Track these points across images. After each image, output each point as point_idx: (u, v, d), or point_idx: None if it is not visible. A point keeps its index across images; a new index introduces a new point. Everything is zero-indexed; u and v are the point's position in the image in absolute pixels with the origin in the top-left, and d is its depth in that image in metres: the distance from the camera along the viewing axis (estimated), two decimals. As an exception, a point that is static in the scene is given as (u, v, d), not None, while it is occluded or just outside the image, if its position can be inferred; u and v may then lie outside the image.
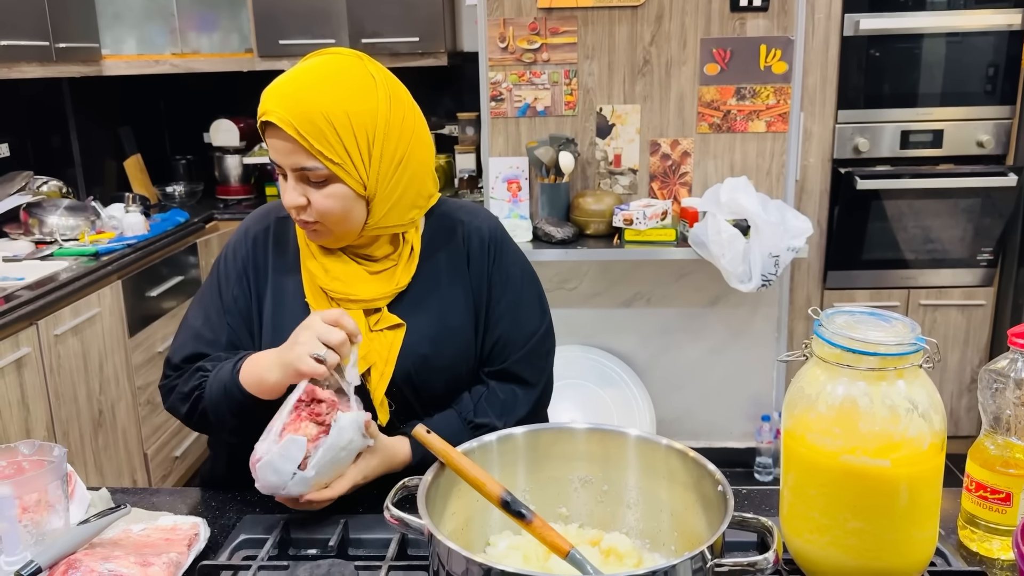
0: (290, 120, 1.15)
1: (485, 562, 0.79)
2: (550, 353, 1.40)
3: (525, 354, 1.35)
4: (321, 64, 1.21)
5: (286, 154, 1.18)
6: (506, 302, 1.35)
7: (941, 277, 3.24)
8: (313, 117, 1.16)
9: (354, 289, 1.27)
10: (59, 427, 2.43)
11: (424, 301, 1.31)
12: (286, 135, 1.16)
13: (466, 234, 1.36)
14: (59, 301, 2.45)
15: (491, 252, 1.36)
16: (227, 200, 3.86)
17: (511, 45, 2.92)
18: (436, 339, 1.30)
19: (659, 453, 0.99)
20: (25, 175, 3.09)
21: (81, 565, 0.97)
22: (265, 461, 1.08)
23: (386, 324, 1.28)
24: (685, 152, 2.98)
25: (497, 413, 1.31)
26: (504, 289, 1.35)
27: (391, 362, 1.27)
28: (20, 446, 1.09)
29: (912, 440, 0.88)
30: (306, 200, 1.20)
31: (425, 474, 0.93)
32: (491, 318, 1.34)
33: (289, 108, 1.16)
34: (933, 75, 3.13)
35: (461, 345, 1.33)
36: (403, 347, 1.28)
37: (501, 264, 1.36)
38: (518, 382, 1.35)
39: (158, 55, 3.62)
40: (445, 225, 1.37)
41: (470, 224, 1.37)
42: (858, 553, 0.91)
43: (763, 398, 3.28)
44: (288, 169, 1.20)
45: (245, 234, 1.37)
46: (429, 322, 1.30)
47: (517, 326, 1.35)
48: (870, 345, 0.88)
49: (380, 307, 1.28)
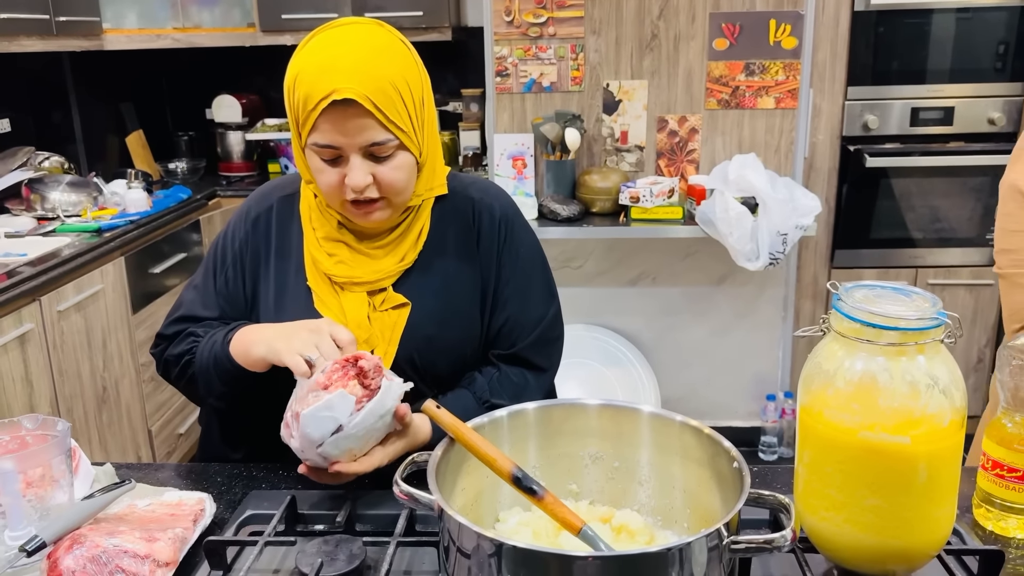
0: (366, 94, 1.11)
1: (496, 537, 0.78)
2: (559, 339, 1.38)
3: (535, 339, 1.32)
4: (360, 34, 1.16)
5: (357, 132, 1.13)
6: (515, 283, 1.32)
7: (950, 256, 3.21)
8: (384, 88, 1.13)
9: (358, 271, 1.25)
10: (63, 403, 2.43)
11: (430, 279, 1.29)
12: (360, 111, 1.12)
13: (477, 212, 1.32)
14: (62, 277, 2.43)
15: (502, 231, 1.32)
16: (230, 177, 3.84)
17: (517, 19, 2.88)
18: (442, 320, 1.27)
19: (673, 430, 0.97)
20: (27, 151, 3.07)
21: (86, 540, 0.96)
22: (309, 412, 1.03)
23: (391, 304, 1.25)
24: (693, 129, 2.95)
25: (510, 395, 1.28)
26: (513, 270, 1.32)
27: (394, 342, 1.25)
28: (23, 420, 1.08)
29: (932, 417, 0.86)
30: (372, 177, 1.16)
31: (435, 449, 0.91)
32: (499, 299, 1.32)
33: (362, 82, 1.11)
34: (943, 51, 3.09)
35: (467, 326, 1.30)
36: (407, 327, 1.26)
37: (512, 244, 1.33)
38: (529, 367, 1.33)
39: (160, 29, 3.58)
40: (456, 201, 1.33)
41: (481, 201, 1.33)
42: (875, 531, 0.89)
43: (768, 377, 3.27)
44: (355, 149, 1.15)
45: (246, 215, 1.34)
46: (435, 302, 1.28)
47: (525, 309, 1.32)
48: (891, 319, 0.86)
49: (385, 287, 1.26)
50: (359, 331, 1.23)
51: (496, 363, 1.33)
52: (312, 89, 1.11)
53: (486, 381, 1.30)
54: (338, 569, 0.94)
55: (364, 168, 1.15)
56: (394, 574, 0.97)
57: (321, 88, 1.11)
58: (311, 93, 1.12)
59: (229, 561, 1.00)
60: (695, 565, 0.78)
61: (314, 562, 0.94)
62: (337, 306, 1.25)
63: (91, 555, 0.94)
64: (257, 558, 0.97)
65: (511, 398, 1.28)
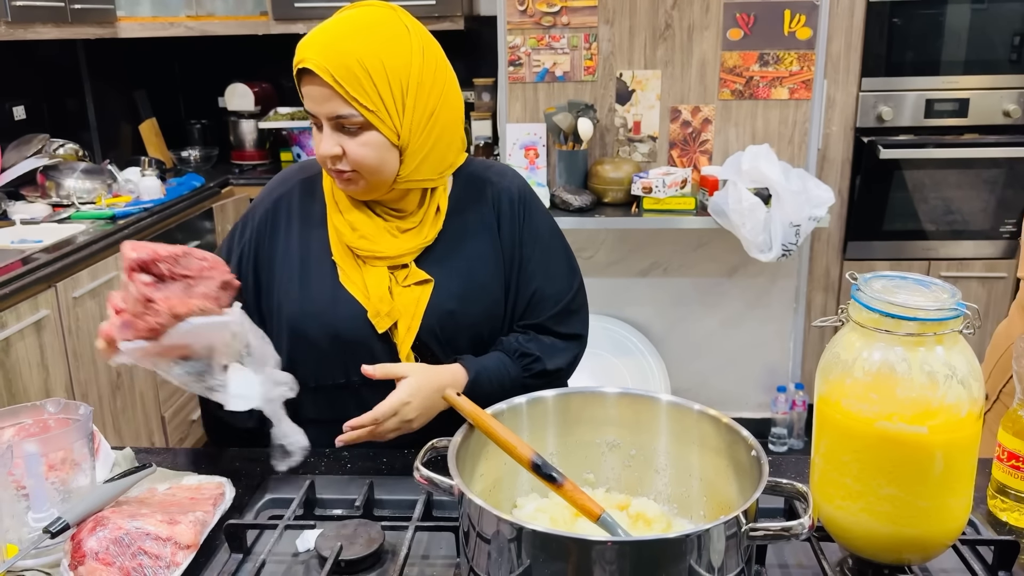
0: (326, 67, 1.16)
1: (517, 522, 0.79)
2: (583, 309, 1.43)
3: (560, 311, 1.37)
4: (357, 15, 1.22)
5: (322, 102, 1.19)
6: (537, 259, 1.37)
7: (963, 248, 3.20)
8: (349, 64, 1.17)
9: (380, 246, 1.28)
10: (78, 389, 2.45)
11: (451, 258, 1.32)
12: (322, 82, 1.17)
13: (495, 194, 1.37)
14: (77, 264, 2.45)
15: (521, 211, 1.37)
16: (242, 165, 3.85)
17: (530, 8, 2.87)
18: (463, 295, 1.31)
19: (691, 418, 0.98)
20: (41, 138, 3.08)
21: (108, 523, 0.97)
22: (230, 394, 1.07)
23: (414, 280, 1.29)
24: (706, 119, 2.94)
25: (539, 349, 1.35)
26: (535, 247, 1.37)
27: (418, 316, 1.28)
28: (46, 404, 1.09)
29: (950, 407, 0.87)
30: (341, 149, 1.21)
31: (455, 436, 0.92)
32: (523, 276, 1.36)
33: (326, 56, 1.17)
34: (958, 43, 3.07)
35: (488, 303, 1.34)
36: (430, 303, 1.29)
37: (531, 223, 1.37)
38: (556, 336, 1.38)
39: (173, 17, 3.59)
40: (474, 184, 1.37)
41: (499, 184, 1.38)
42: (891, 520, 0.89)
43: (779, 369, 3.27)
44: (324, 118, 1.20)
45: (268, 194, 1.39)
46: (456, 278, 1.31)
47: (550, 282, 1.37)
48: (910, 310, 0.86)
49: (407, 263, 1.29)
50: (382, 304, 1.27)
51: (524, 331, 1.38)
52: (296, 57, 1.20)
53: (515, 338, 1.35)
54: (357, 553, 0.95)
55: (332, 139, 1.21)
56: (412, 558, 0.98)
57: (297, 56, 1.20)
58: (295, 61, 1.20)
59: (249, 544, 1.01)
60: (713, 552, 0.79)
61: (333, 546, 0.95)
62: (360, 279, 1.29)
63: (114, 537, 0.95)
64: (277, 541, 0.98)
65: (542, 352, 1.34)
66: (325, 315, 1.28)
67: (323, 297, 1.29)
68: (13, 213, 2.77)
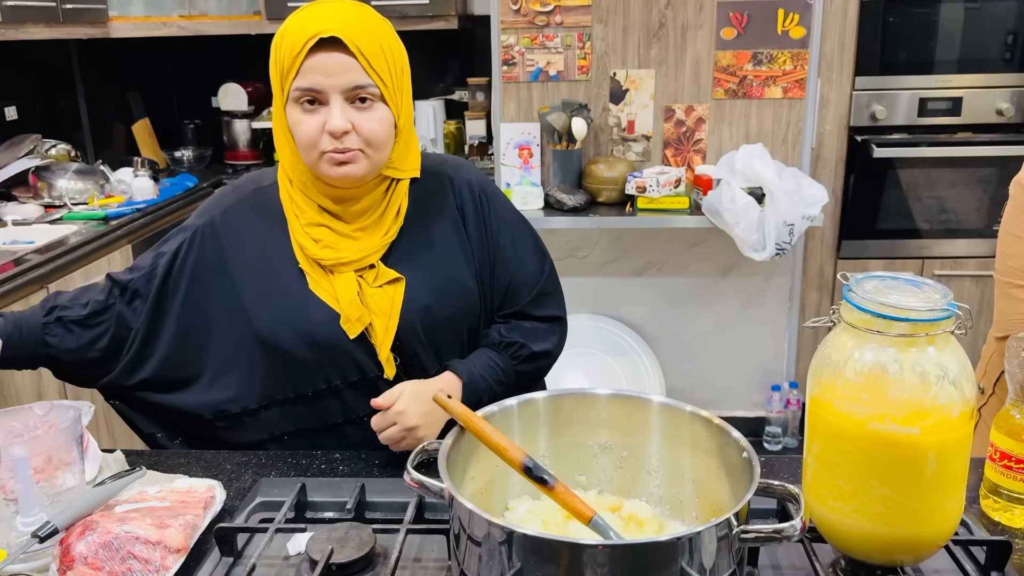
0: (351, 36, 1.15)
1: (507, 525, 0.78)
2: (557, 289, 1.44)
3: (536, 295, 1.39)
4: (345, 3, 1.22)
5: (338, 72, 1.16)
6: (507, 247, 1.37)
7: (956, 247, 3.20)
8: (371, 36, 1.18)
9: (343, 252, 1.27)
10: (71, 390, 2.43)
11: (418, 254, 1.32)
12: (343, 52, 1.16)
13: (457, 188, 1.37)
14: (69, 265, 2.44)
15: (483, 202, 1.37)
16: (236, 165, 3.84)
17: (523, 7, 2.87)
18: (437, 289, 1.31)
19: (682, 420, 0.98)
20: (33, 138, 3.07)
21: (98, 527, 0.96)
22: None
23: (384, 279, 1.28)
24: (700, 118, 2.94)
25: (524, 336, 1.36)
26: (502, 235, 1.37)
27: (394, 315, 1.28)
28: (34, 407, 1.09)
29: (942, 408, 0.86)
30: (351, 124, 1.18)
31: (445, 438, 0.91)
32: (497, 266, 1.37)
33: (349, 26, 1.16)
34: (952, 41, 3.07)
35: (463, 294, 1.34)
36: (405, 299, 1.29)
37: (495, 212, 1.38)
38: (536, 320, 1.39)
39: (166, 17, 3.58)
40: (432, 179, 1.36)
41: (458, 177, 1.38)
42: (884, 521, 0.89)
43: (774, 368, 3.27)
44: (336, 91, 1.17)
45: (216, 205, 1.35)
46: (427, 274, 1.31)
47: (523, 268, 1.38)
48: (901, 311, 0.86)
49: (373, 263, 1.28)
50: (353, 309, 1.26)
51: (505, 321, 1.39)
52: (298, 34, 1.16)
53: (496, 331, 1.36)
54: (348, 556, 0.95)
55: (343, 113, 1.18)
56: (404, 561, 0.98)
57: (307, 30, 1.15)
58: (297, 37, 1.16)
59: (240, 548, 1.01)
60: (705, 554, 0.78)
61: (324, 549, 0.95)
62: (329, 287, 1.27)
63: (103, 541, 0.95)
64: (268, 545, 0.98)
65: (525, 338, 1.36)
66: (299, 323, 1.26)
67: (294, 305, 1.27)
68: (5, 214, 2.76)
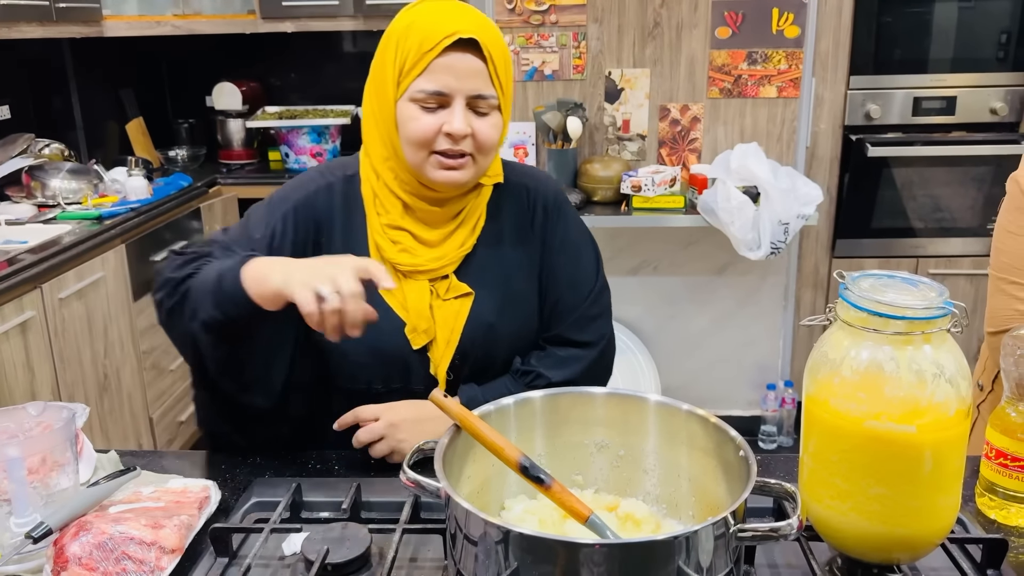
0: (486, 41, 1.15)
1: (504, 524, 0.78)
2: (601, 316, 1.37)
3: (576, 318, 1.33)
4: (468, 4, 1.20)
5: (468, 77, 1.15)
6: (563, 266, 1.33)
7: (951, 246, 3.21)
8: (500, 43, 1.18)
9: (421, 259, 1.24)
10: (64, 391, 2.43)
11: (488, 268, 1.29)
12: (477, 56, 1.15)
13: (532, 199, 1.33)
14: (63, 265, 2.43)
15: (553, 217, 1.33)
16: (230, 164, 3.83)
17: (519, 7, 2.87)
18: (502, 307, 1.28)
19: (679, 418, 0.97)
20: (27, 137, 3.06)
21: (92, 527, 0.96)
22: None
23: (455, 293, 1.26)
24: (695, 117, 2.95)
25: (547, 365, 1.30)
26: (563, 253, 1.33)
27: (457, 331, 1.25)
28: (28, 407, 1.08)
29: (938, 406, 0.86)
30: (470, 129, 1.17)
31: (441, 437, 0.91)
32: (549, 282, 1.33)
33: (486, 32, 1.16)
34: (946, 41, 3.08)
35: (526, 311, 1.31)
36: (469, 315, 1.26)
37: (561, 229, 1.34)
38: (573, 344, 1.34)
39: (160, 16, 3.57)
40: (511, 188, 1.33)
41: (536, 189, 1.34)
42: (880, 519, 0.89)
43: (769, 367, 3.28)
44: (462, 95, 1.16)
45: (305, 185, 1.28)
46: (494, 290, 1.28)
47: (573, 290, 1.33)
48: (897, 309, 0.86)
49: (448, 274, 1.26)
50: (420, 320, 1.23)
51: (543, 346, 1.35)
52: (432, 30, 1.14)
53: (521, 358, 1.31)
54: (344, 556, 0.94)
55: (465, 117, 1.16)
56: (400, 561, 0.98)
57: (443, 28, 1.13)
58: (430, 34, 1.14)
59: (235, 548, 1.00)
60: (702, 553, 0.78)
61: (320, 549, 0.94)
62: (400, 293, 1.24)
63: (97, 541, 0.94)
64: (263, 545, 0.97)
65: (543, 366, 1.29)
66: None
67: None
68: (-2, 213, 2.75)
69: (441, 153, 1.18)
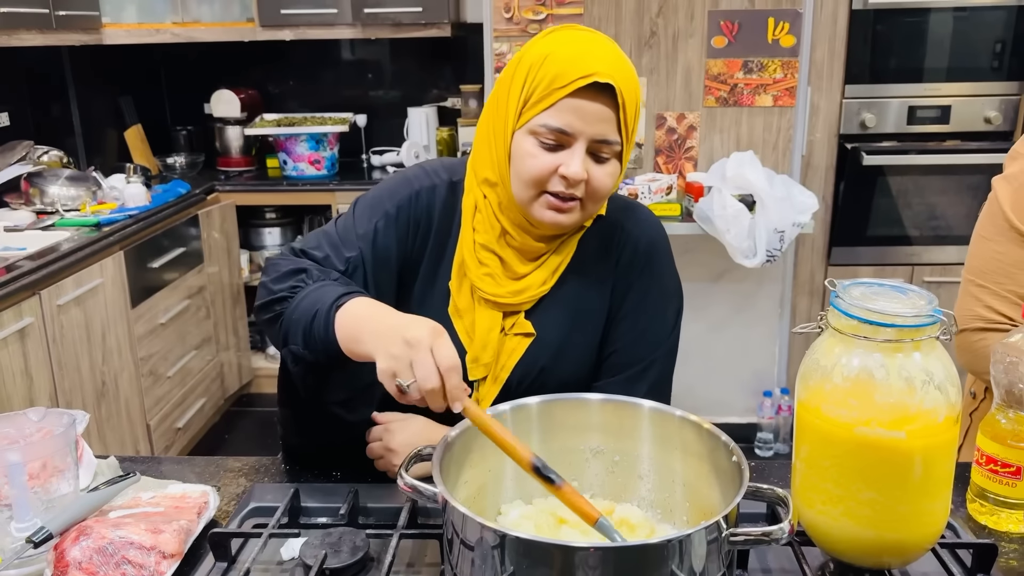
0: (623, 88, 1.08)
1: (500, 529, 0.79)
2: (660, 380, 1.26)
3: (625, 377, 1.24)
4: (610, 40, 1.13)
5: (595, 121, 1.09)
6: (632, 317, 1.24)
7: (946, 254, 3.23)
8: (635, 91, 1.11)
9: (502, 289, 1.19)
10: (62, 397, 2.43)
11: (558, 309, 1.22)
12: (606, 103, 1.08)
13: (621, 242, 1.25)
14: (61, 271, 2.44)
15: (639, 266, 1.25)
16: (228, 171, 3.84)
17: (516, 15, 2.89)
18: (558, 353, 1.22)
19: (673, 424, 0.99)
20: (25, 144, 3.07)
21: (92, 532, 0.97)
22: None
23: (519, 330, 1.20)
24: (691, 126, 2.96)
25: None
26: (637, 307, 1.25)
27: (508, 368, 1.20)
28: (29, 413, 1.09)
29: (928, 412, 0.88)
30: (587, 175, 1.11)
31: (439, 443, 0.92)
32: (612, 330, 1.25)
33: (624, 77, 1.09)
34: (941, 50, 3.11)
35: (582, 360, 1.24)
36: (524, 356, 1.20)
37: (644, 283, 1.25)
38: None
39: (158, 24, 3.58)
40: (605, 225, 1.25)
41: (630, 232, 1.25)
42: (871, 524, 0.90)
43: (765, 374, 3.29)
44: (585, 138, 1.09)
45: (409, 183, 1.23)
46: (557, 335, 1.22)
47: (633, 347, 1.24)
48: (887, 316, 0.88)
49: (521, 310, 1.20)
50: (484, 352, 1.18)
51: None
52: (569, 68, 1.07)
53: None
54: (342, 561, 0.95)
55: (583, 162, 1.10)
56: (397, 566, 0.99)
57: (581, 67, 1.07)
58: (566, 70, 1.07)
59: (233, 553, 1.01)
60: (695, 557, 0.79)
61: (318, 554, 0.95)
62: (470, 318, 1.19)
63: (97, 546, 0.95)
64: (261, 550, 0.98)
65: None
66: None
67: None
68: (-3, 220, 2.76)
69: (552, 193, 1.12)
